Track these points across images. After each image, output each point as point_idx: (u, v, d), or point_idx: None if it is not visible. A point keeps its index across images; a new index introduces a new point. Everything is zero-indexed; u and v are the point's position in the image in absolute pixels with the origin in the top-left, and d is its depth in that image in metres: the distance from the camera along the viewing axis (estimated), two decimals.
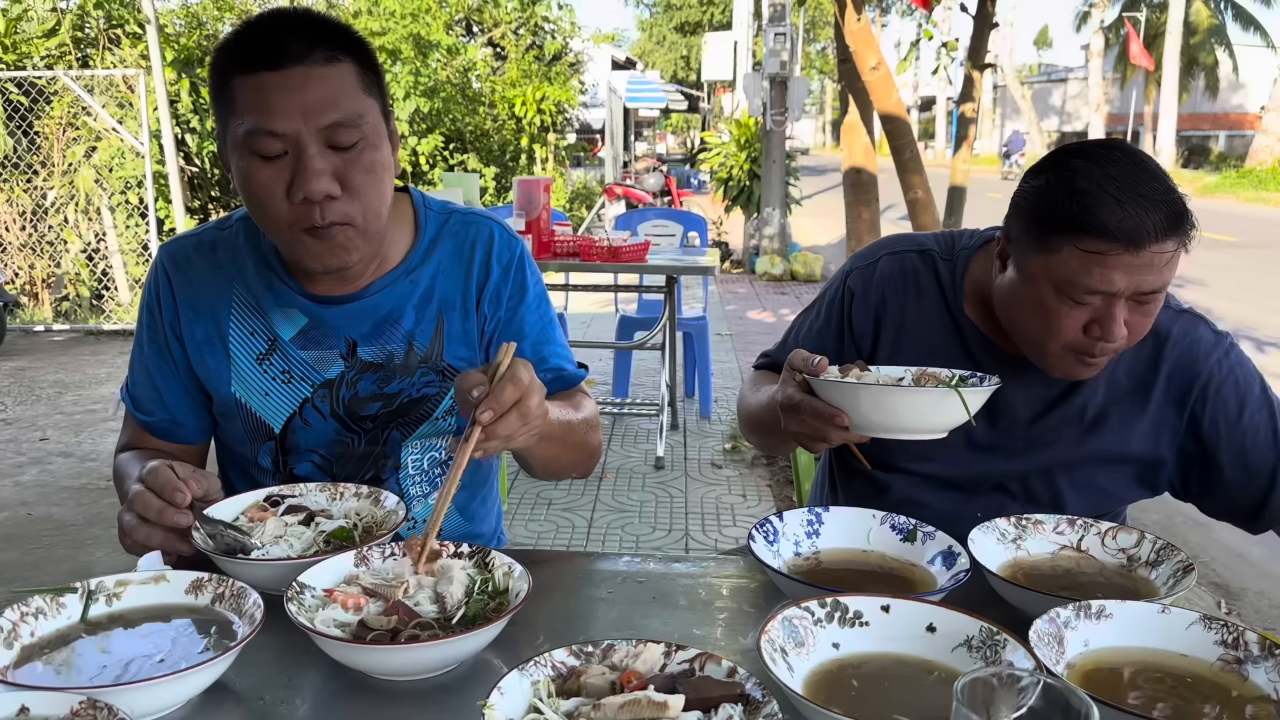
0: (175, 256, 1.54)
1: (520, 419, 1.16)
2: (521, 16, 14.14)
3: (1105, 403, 1.49)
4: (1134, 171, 1.28)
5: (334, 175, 1.31)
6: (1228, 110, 41.73)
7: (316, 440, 1.53)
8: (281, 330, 1.50)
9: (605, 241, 4.74)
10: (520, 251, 1.59)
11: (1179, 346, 1.48)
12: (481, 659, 1.08)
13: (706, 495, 4.60)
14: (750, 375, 1.73)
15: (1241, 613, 3.68)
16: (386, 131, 1.39)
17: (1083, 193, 1.27)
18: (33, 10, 8.71)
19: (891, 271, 1.57)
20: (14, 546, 3.97)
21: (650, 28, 50.58)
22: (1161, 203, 1.26)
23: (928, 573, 1.24)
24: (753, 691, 0.89)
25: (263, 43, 1.30)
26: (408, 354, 1.51)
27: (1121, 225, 1.25)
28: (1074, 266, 1.29)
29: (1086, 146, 1.34)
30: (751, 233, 12.45)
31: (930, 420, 1.25)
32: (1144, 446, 1.49)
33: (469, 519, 1.66)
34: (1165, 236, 1.26)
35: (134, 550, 1.22)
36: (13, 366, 7.07)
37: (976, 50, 7.73)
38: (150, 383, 1.55)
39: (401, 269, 1.51)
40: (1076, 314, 1.32)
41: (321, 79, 1.29)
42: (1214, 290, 10.76)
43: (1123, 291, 1.29)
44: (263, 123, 1.28)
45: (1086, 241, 1.27)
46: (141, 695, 0.91)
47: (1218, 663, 1.01)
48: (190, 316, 1.52)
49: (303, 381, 1.51)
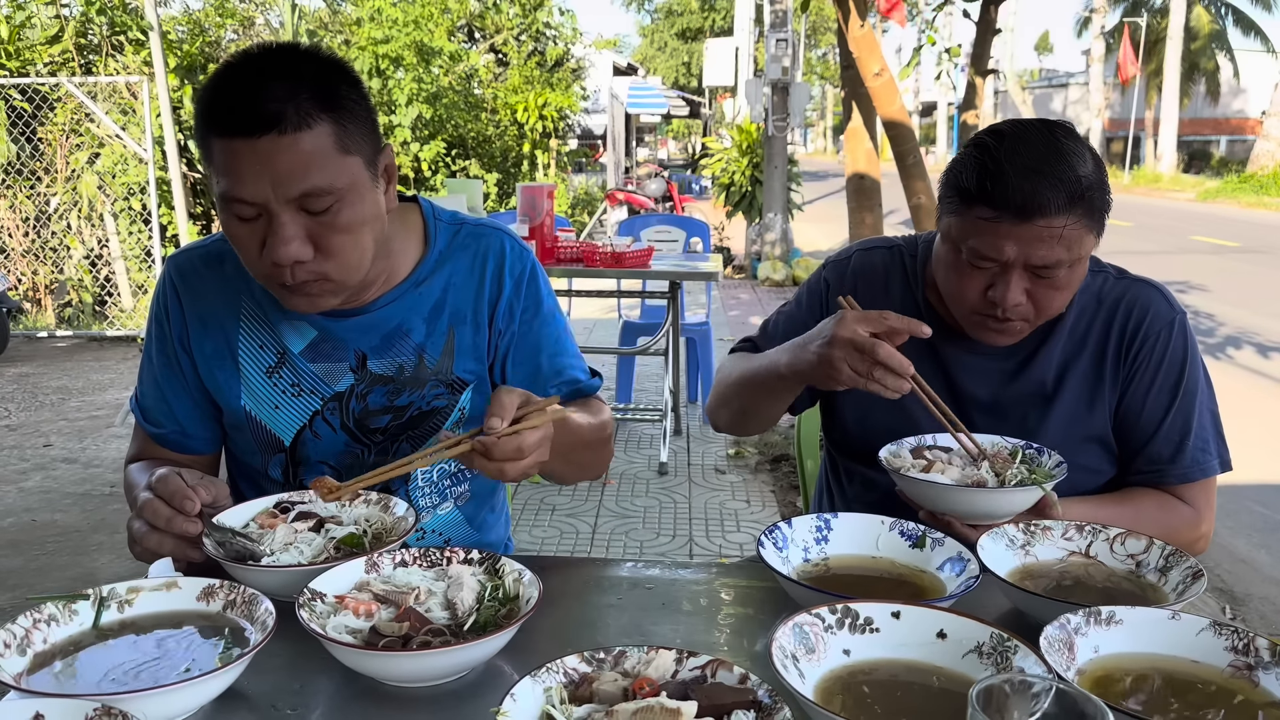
0: (183, 269, 1.54)
1: (516, 452, 1.18)
2: (523, 23, 14.17)
3: (1061, 374, 1.56)
4: (1040, 150, 1.38)
5: (307, 238, 1.28)
6: (1229, 115, 41.73)
7: (327, 452, 1.53)
8: (290, 343, 1.49)
9: (609, 247, 4.75)
10: (531, 264, 1.59)
11: (1133, 312, 1.56)
12: (492, 665, 1.08)
13: (710, 501, 4.60)
14: (729, 358, 1.77)
15: (1247, 619, 3.68)
16: (373, 178, 1.34)
17: (984, 165, 1.39)
18: (36, 17, 8.74)
19: (863, 266, 1.70)
20: (19, 553, 3.97)
21: (652, 34, 50.65)
22: (1059, 180, 1.36)
23: (937, 579, 1.24)
24: (764, 698, 0.89)
25: (236, 104, 1.23)
26: (418, 366, 1.51)
27: (1011, 197, 1.36)
28: (970, 230, 1.42)
29: (1007, 125, 1.46)
30: (753, 238, 12.46)
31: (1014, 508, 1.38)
32: (1104, 423, 1.55)
33: (478, 528, 1.66)
34: (1056, 212, 1.36)
35: (144, 558, 1.23)
36: (16, 373, 7.08)
37: (979, 57, 7.74)
38: (159, 394, 1.55)
39: (410, 281, 1.50)
40: (977, 277, 1.44)
41: (292, 149, 1.23)
42: (1216, 295, 10.76)
43: (1013, 260, 1.40)
44: (234, 189, 1.25)
45: (980, 209, 1.40)
46: (155, 702, 0.92)
47: (1228, 668, 1.01)
48: (199, 330, 1.52)
49: (312, 394, 1.51)
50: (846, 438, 1.70)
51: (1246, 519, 4.60)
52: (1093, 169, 1.40)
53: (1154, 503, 1.54)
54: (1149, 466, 1.55)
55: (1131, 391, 1.54)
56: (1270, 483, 5.00)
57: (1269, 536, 4.46)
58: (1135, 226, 18.57)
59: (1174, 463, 1.53)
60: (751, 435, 2.14)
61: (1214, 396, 1.59)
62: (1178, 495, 1.55)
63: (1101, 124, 36.40)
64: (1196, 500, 1.55)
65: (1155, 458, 1.54)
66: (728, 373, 1.72)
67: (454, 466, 1.60)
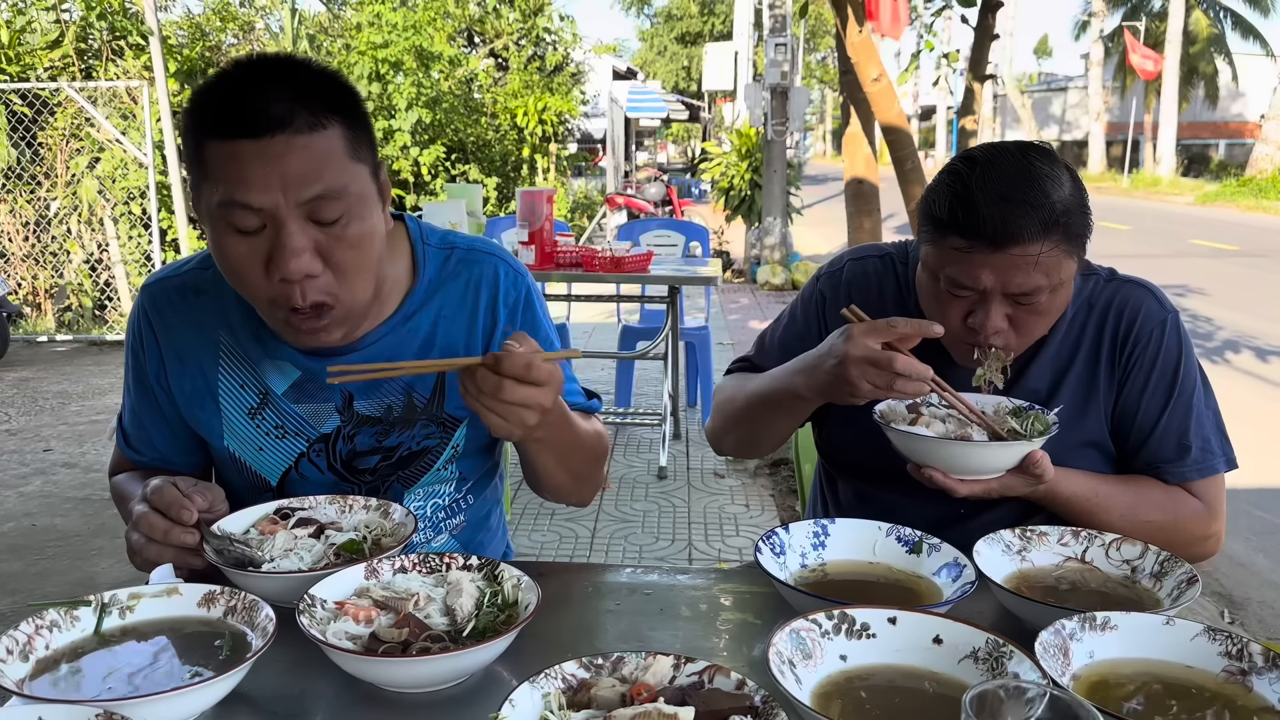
0: (157, 301, 1.46)
1: (526, 370, 1.12)
2: (523, 27, 14.19)
3: (1054, 382, 1.55)
4: (1013, 177, 1.36)
5: (315, 251, 1.21)
6: (1228, 119, 41.78)
7: (315, 492, 1.44)
8: (273, 383, 1.43)
9: (608, 252, 4.76)
10: (526, 289, 1.51)
11: (1124, 313, 1.55)
12: (491, 671, 1.09)
13: (709, 505, 4.61)
14: (728, 379, 1.75)
15: (1245, 623, 3.68)
16: (376, 190, 1.28)
17: (957, 194, 1.38)
18: (36, 22, 8.75)
19: (856, 275, 1.68)
20: (19, 558, 3.98)
21: (651, 38, 50.67)
22: (1032, 207, 1.34)
23: (933, 584, 1.25)
24: (761, 704, 0.90)
25: (239, 105, 1.17)
26: (407, 406, 1.45)
27: (982, 227, 1.35)
28: (945, 260, 1.41)
29: (979, 151, 1.43)
30: (753, 242, 12.48)
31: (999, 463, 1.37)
32: (1099, 427, 1.54)
33: (477, 550, 1.62)
34: (1030, 239, 1.34)
35: (144, 568, 1.22)
36: (16, 377, 7.09)
37: (977, 62, 7.75)
38: (139, 423, 1.51)
39: (400, 316, 1.43)
40: (957, 304, 1.43)
41: (304, 149, 1.17)
42: (1215, 299, 10.77)
43: (991, 289, 1.39)
44: (238, 195, 1.17)
45: (954, 239, 1.38)
46: (157, 708, 0.92)
47: (1222, 674, 1.02)
48: (177, 368, 1.45)
49: (297, 436, 1.45)
50: (840, 453, 1.71)
51: (1245, 523, 4.61)
52: (1070, 192, 1.37)
53: (1161, 490, 1.51)
54: (1150, 466, 1.52)
55: (1126, 392, 1.54)
56: (1269, 486, 5.00)
57: (1267, 540, 4.46)
58: (1134, 230, 18.59)
59: (1176, 462, 1.51)
60: (760, 457, 2.12)
61: (1213, 395, 1.57)
62: (1187, 490, 1.53)
63: (1100, 128, 36.43)
64: (1205, 496, 1.52)
65: (1155, 458, 1.52)
66: (730, 395, 1.69)
67: (448, 499, 1.56)
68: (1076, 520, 1.43)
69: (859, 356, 1.32)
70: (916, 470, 1.38)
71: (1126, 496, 1.47)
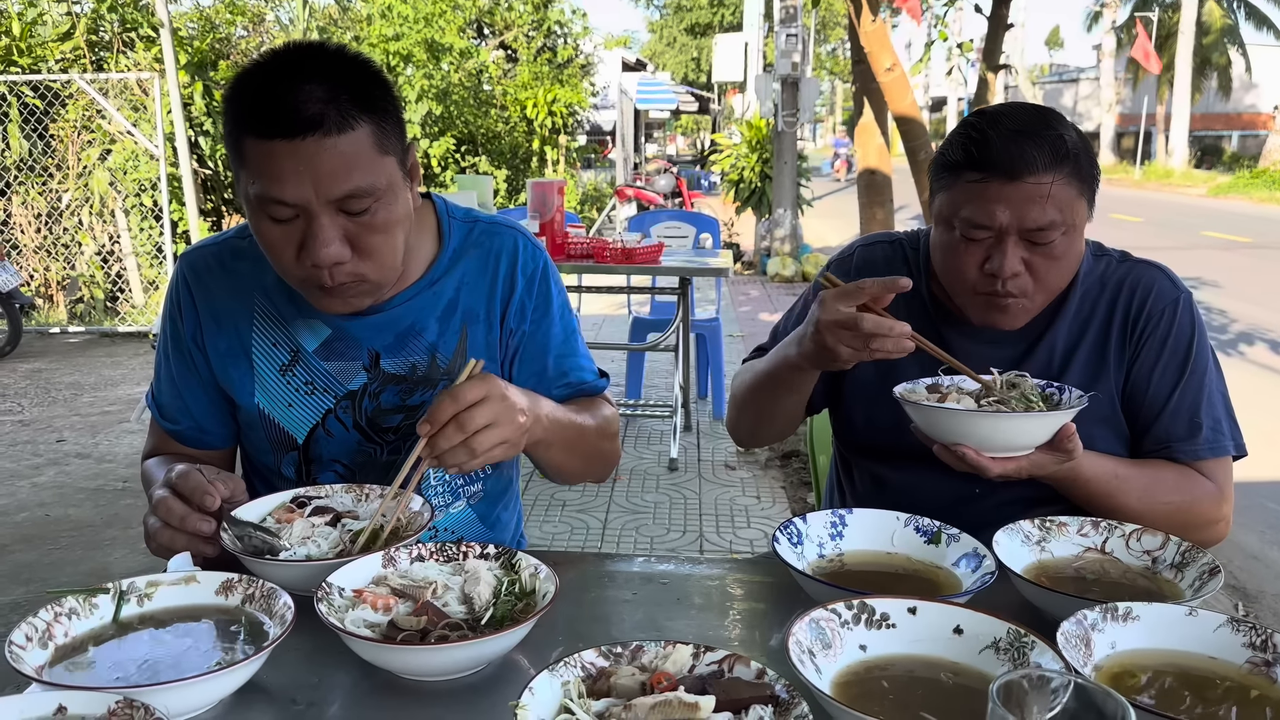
0: (196, 266, 1.53)
1: (458, 430, 1.21)
2: (534, 19, 14.17)
3: (1066, 358, 1.55)
4: (1024, 117, 1.41)
5: (345, 239, 1.28)
6: (1241, 110, 41.52)
7: (339, 450, 1.53)
8: (304, 341, 1.50)
9: (619, 243, 4.75)
10: (544, 262, 1.59)
11: (1136, 291, 1.56)
12: (509, 660, 1.09)
13: (720, 497, 4.61)
14: (743, 367, 1.76)
15: (1259, 616, 3.67)
16: (404, 175, 1.35)
17: (971, 137, 1.42)
18: (48, 14, 8.77)
19: (866, 260, 1.70)
20: (33, 547, 4.00)
21: (660, 29, 50.57)
22: (1042, 138, 1.38)
23: (952, 575, 1.24)
24: (782, 693, 0.89)
25: (275, 105, 1.22)
26: (430, 366, 1.51)
27: (997, 157, 1.38)
28: (960, 199, 1.43)
29: (993, 106, 1.49)
30: (763, 234, 12.45)
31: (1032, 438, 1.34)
32: (1111, 403, 1.53)
33: (491, 526, 1.65)
34: (1043, 169, 1.37)
35: (159, 554, 1.24)
36: (29, 368, 7.12)
37: (991, 52, 7.71)
38: (175, 391, 1.56)
39: (425, 280, 1.50)
40: (974, 251, 1.44)
41: (335, 149, 1.23)
42: (1228, 291, 10.71)
43: (1007, 226, 1.40)
44: (272, 191, 1.24)
45: (968, 174, 1.41)
46: (176, 695, 0.92)
47: (1246, 665, 1.01)
48: (213, 328, 1.52)
49: (325, 393, 1.51)
50: (855, 436, 1.70)
51: (1259, 516, 4.58)
52: (1078, 138, 1.42)
53: (1174, 471, 1.50)
54: (1161, 444, 1.52)
55: (1137, 369, 1.53)
56: None
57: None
58: (1146, 222, 18.50)
59: (1187, 440, 1.51)
60: (774, 441, 2.12)
61: (1224, 380, 1.57)
62: (1198, 471, 1.52)
63: (1113, 119, 36.23)
64: (1216, 477, 1.51)
65: (1166, 435, 1.51)
66: (743, 380, 1.71)
67: None
68: (1094, 503, 1.42)
69: (830, 321, 1.34)
70: (945, 451, 1.35)
71: (1143, 478, 1.46)
